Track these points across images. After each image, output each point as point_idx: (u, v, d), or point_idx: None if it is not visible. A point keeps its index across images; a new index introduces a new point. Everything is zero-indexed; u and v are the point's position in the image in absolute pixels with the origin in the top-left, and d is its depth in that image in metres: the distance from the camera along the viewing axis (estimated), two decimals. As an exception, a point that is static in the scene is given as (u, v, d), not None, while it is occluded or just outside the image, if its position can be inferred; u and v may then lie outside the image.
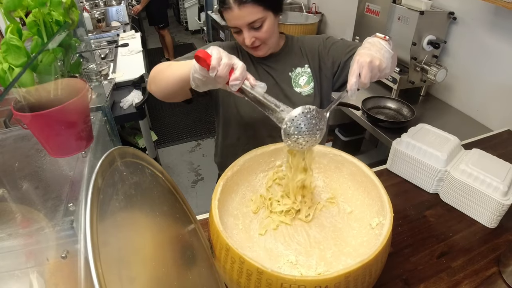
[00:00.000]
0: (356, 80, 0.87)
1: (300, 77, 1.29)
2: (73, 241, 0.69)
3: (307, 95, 1.28)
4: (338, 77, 1.31)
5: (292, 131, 0.84)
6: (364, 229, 0.94)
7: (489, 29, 1.72)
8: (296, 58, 1.30)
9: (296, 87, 1.28)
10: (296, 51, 1.31)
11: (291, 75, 1.29)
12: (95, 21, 3.72)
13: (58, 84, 0.77)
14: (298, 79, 1.29)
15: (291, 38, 1.32)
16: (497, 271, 0.98)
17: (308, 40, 1.33)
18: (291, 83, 1.28)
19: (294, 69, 1.29)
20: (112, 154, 0.65)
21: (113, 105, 2.38)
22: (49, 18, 0.69)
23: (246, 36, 1.11)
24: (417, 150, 1.25)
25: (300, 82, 1.29)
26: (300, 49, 1.31)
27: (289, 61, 1.29)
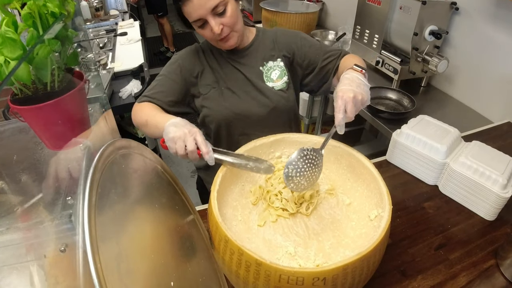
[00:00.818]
0: (343, 116, 0.89)
1: (272, 71, 1.27)
2: (72, 235, 0.69)
3: (280, 89, 1.26)
4: (310, 81, 1.31)
5: (293, 173, 0.89)
6: (363, 220, 0.94)
7: (492, 21, 1.70)
8: (267, 52, 1.27)
9: (269, 81, 1.26)
10: (267, 44, 1.28)
11: (262, 69, 1.26)
12: (93, 9, 3.68)
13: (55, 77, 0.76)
14: (270, 73, 1.26)
15: (262, 31, 1.31)
16: (494, 263, 0.99)
17: (283, 33, 1.31)
18: (263, 77, 1.26)
19: (266, 63, 1.27)
20: (110, 147, 0.65)
21: (112, 94, 2.37)
22: (45, 10, 0.68)
23: (214, 24, 1.08)
24: (417, 141, 1.24)
25: (273, 77, 1.26)
26: (273, 42, 1.29)
27: (260, 55, 1.27)
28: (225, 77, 1.25)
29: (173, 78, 1.22)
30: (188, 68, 1.22)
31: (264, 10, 2.89)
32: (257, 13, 3.34)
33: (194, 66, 1.23)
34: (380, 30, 2.01)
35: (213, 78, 1.25)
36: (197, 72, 1.24)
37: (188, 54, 1.25)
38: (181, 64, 1.22)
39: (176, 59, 1.24)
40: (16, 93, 0.75)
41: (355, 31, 2.23)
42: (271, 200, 1.01)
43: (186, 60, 1.23)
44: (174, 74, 1.22)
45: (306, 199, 1.00)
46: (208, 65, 1.25)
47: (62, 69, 0.80)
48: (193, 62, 1.23)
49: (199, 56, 1.25)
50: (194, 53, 1.26)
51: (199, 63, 1.24)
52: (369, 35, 2.11)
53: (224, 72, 1.25)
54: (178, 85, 1.22)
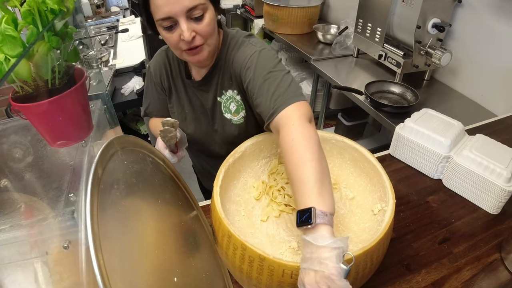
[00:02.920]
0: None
1: (230, 102, 1.11)
2: (75, 231, 0.69)
3: (237, 124, 1.13)
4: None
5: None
6: (366, 215, 0.94)
7: (495, 13, 1.69)
8: (225, 79, 1.09)
9: (227, 112, 1.12)
10: (226, 69, 1.08)
11: (220, 100, 1.11)
12: (94, 6, 3.68)
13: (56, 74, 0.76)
14: (229, 104, 1.11)
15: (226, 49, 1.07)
16: (499, 257, 0.98)
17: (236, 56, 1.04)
18: (221, 108, 1.12)
19: (225, 91, 1.10)
20: (112, 143, 0.65)
21: (114, 91, 2.37)
22: (44, 6, 0.67)
23: (185, 29, 0.88)
24: (421, 135, 1.24)
25: (231, 108, 1.11)
26: (231, 65, 1.06)
27: (219, 83, 1.09)
28: (188, 102, 1.17)
29: (155, 92, 1.23)
30: (160, 82, 1.19)
31: (265, 5, 2.87)
32: (259, 7, 3.32)
33: (163, 82, 1.18)
34: (382, 23, 1.99)
35: (177, 99, 1.18)
36: (165, 88, 1.19)
37: (156, 68, 1.16)
38: (155, 81, 1.19)
39: (149, 73, 1.20)
40: (18, 90, 0.75)
41: (358, 24, 2.21)
42: (274, 195, 1.01)
43: (156, 76, 1.17)
44: (157, 91, 1.22)
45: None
46: (174, 84, 1.16)
47: (63, 66, 0.80)
48: (162, 78, 1.17)
49: (166, 72, 1.15)
50: (161, 68, 1.15)
51: (166, 80, 1.16)
52: (372, 29, 2.09)
53: (187, 96, 1.16)
54: (164, 100, 1.24)
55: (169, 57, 1.14)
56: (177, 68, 1.14)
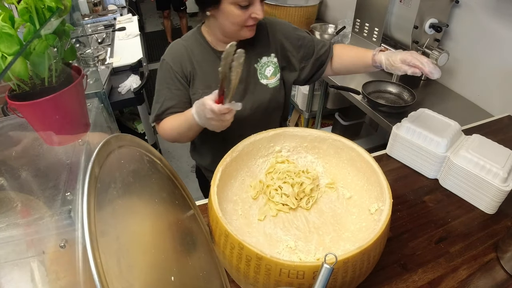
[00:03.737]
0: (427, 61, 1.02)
1: (266, 67, 1.23)
2: (72, 230, 0.69)
3: (273, 87, 1.24)
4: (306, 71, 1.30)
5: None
6: (363, 214, 0.94)
7: (492, 14, 1.69)
8: (261, 47, 1.22)
9: (263, 78, 1.23)
10: (261, 38, 1.22)
11: (256, 67, 1.22)
12: (91, 5, 3.66)
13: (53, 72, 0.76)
14: (264, 70, 1.23)
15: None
16: (495, 257, 0.99)
17: (275, 25, 1.25)
18: (257, 74, 1.22)
19: (260, 59, 1.22)
20: (109, 142, 0.65)
21: (111, 90, 2.36)
22: (41, 4, 0.67)
23: (261, 9, 1.05)
24: (417, 135, 1.24)
25: (267, 73, 1.23)
26: (267, 35, 1.23)
27: (255, 51, 1.21)
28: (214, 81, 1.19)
29: (177, 88, 1.18)
30: (181, 71, 1.18)
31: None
32: (256, 7, 3.31)
33: (184, 69, 1.18)
34: (380, 23, 2.00)
35: (204, 82, 1.20)
36: (188, 75, 1.19)
37: (175, 57, 1.18)
38: (174, 70, 1.17)
39: (167, 67, 1.18)
40: (14, 88, 0.74)
41: (355, 24, 2.22)
42: (271, 194, 1.01)
43: (176, 64, 1.17)
44: (174, 84, 1.18)
45: (307, 193, 1.00)
46: (199, 68, 1.19)
47: (60, 64, 0.79)
48: (183, 65, 1.18)
49: (188, 57, 1.18)
50: (182, 54, 1.18)
51: (189, 65, 1.18)
52: (369, 29, 2.09)
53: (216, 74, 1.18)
54: (182, 91, 1.19)
55: (188, 45, 1.19)
56: (200, 52, 1.19)
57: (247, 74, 1.21)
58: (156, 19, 6.94)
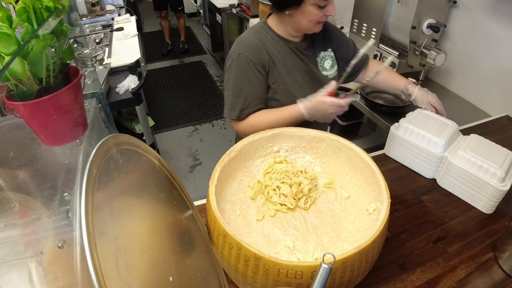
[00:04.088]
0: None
1: (325, 60, 1.34)
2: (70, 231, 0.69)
3: (332, 78, 1.35)
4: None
5: None
6: (361, 214, 0.95)
7: (490, 14, 1.70)
8: (320, 42, 1.33)
9: (323, 70, 1.34)
10: (319, 34, 1.31)
11: (317, 60, 1.33)
12: (89, 5, 3.65)
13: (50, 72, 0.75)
14: (323, 63, 1.34)
15: None
16: (493, 256, 0.99)
17: (328, 24, 1.36)
18: (319, 67, 1.33)
19: (319, 53, 1.33)
20: (107, 142, 0.65)
21: (109, 90, 2.35)
22: (39, 4, 0.67)
23: (333, 8, 1.15)
24: (415, 135, 1.24)
25: (326, 66, 1.34)
26: (324, 32, 1.33)
27: (315, 46, 1.32)
28: (293, 69, 1.26)
29: (258, 79, 1.21)
30: (260, 63, 1.21)
31: (261, 4, 2.87)
32: (255, 7, 3.32)
33: (263, 60, 1.21)
34: (378, 23, 2.00)
35: (281, 71, 1.24)
36: (266, 65, 1.22)
37: (252, 49, 1.21)
38: (254, 61, 1.19)
39: (246, 60, 1.19)
40: (12, 89, 0.74)
41: (353, 24, 2.22)
42: (270, 194, 1.01)
43: (255, 56, 1.20)
44: (255, 75, 1.20)
45: (305, 193, 1.00)
46: (275, 58, 1.24)
47: (58, 64, 0.79)
48: (261, 56, 1.21)
49: (264, 48, 1.22)
50: (258, 46, 1.22)
51: (266, 55, 1.22)
52: (367, 29, 2.10)
53: (292, 64, 1.26)
54: (262, 82, 1.23)
55: (260, 38, 1.23)
56: (272, 44, 1.24)
57: (313, 66, 1.31)
58: (154, 19, 6.94)
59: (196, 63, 5.17)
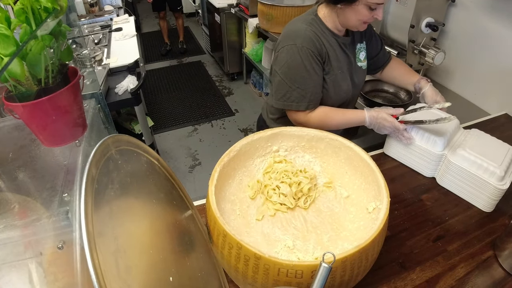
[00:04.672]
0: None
1: (360, 52, 1.39)
2: (69, 231, 0.69)
3: (365, 69, 1.43)
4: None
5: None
6: (361, 213, 0.95)
7: (488, 12, 1.70)
8: (357, 34, 1.38)
9: (359, 61, 1.39)
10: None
11: (356, 51, 1.39)
12: (87, 5, 3.64)
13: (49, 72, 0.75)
14: (359, 54, 1.39)
15: None
16: (492, 254, 0.99)
17: None
18: (356, 58, 1.38)
19: (355, 45, 1.38)
20: (106, 143, 0.64)
21: (108, 91, 2.35)
22: (37, 5, 0.67)
23: (382, 12, 1.18)
24: (414, 133, 1.24)
25: (361, 57, 1.40)
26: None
27: (355, 39, 1.37)
28: (342, 62, 1.31)
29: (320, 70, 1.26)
30: (319, 54, 1.24)
31: (260, 4, 2.87)
32: (253, 6, 3.32)
33: (321, 52, 1.25)
34: (376, 22, 2.00)
35: (334, 63, 1.29)
36: (324, 56, 1.26)
37: (310, 41, 1.23)
38: (314, 53, 1.23)
39: (306, 51, 1.22)
40: (11, 90, 0.74)
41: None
42: (269, 194, 1.01)
43: (314, 46, 1.23)
44: (318, 66, 1.25)
45: (304, 192, 1.00)
46: (328, 50, 1.28)
47: (56, 65, 0.79)
48: (319, 48, 1.24)
49: (319, 39, 1.25)
50: (315, 37, 1.24)
51: (323, 48, 1.26)
52: (366, 28, 2.10)
53: (340, 57, 1.30)
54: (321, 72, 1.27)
55: (313, 29, 1.25)
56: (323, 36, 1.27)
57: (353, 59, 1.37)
58: (153, 19, 6.93)
59: (195, 63, 5.17)
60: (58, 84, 0.76)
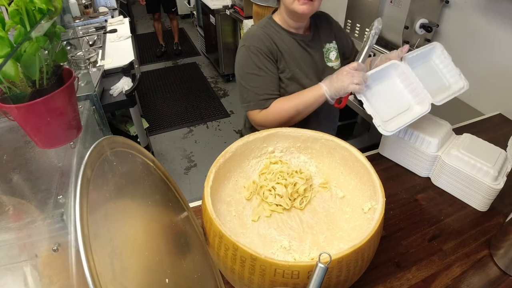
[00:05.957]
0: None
1: (330, 52, 1.37)
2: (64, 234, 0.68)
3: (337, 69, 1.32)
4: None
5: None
6: (357, 213, 0.95)
7: (482, 13, 1.71)
8: (325, 34, 1.37)
9: (328, 61, 1.37)
10: (324, 26, 1.38)
11: (323, 51, 1.36)
12: (82, 7, 3.63)
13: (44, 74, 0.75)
14: (329, 54, 1.37)
15: (316, 14, 1.35)
16: (488, 253, 1.00)
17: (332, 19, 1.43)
18: (324, 58, 1.36)
19: (325, 44, 1.36)
20: (101, 144, 0.64)
21: (102, 92, 2.34)
22: (32, 6, 0.66)
23: None
24: (409, 135, 1.25)
25: (331, 57, 1.37)
26: (330, 25, 1.40)
27: (321, 37, 1.35)
28: (299, 60, 1.29)
29: (272, 66, 1.24)
30: (270, 52, 1.23)
31: (255, 5, 2.88)
32: (248, 8, 3.32)
33: (271, 49, 1.24)
34: (370, 23, 2.01)
35: (288, 61, 1.27)
36: (275, 54, 1.25)
37: (259, 40, 1.23)
38: (263, 50, 1.21)
39: (255, 51, 1.21)
40: (5, 91, 0.74)
41: (346, 25, 2.23)
42: (265, 195, 1.01)
43: (265, 46, 1.22)
44: (269, 63, 1.23)
45: (300, 193, 1.01)
46: (282, 48, 1.26)
47: (51, 67, 0.78)
48: (269, 45, 1.23)
49: (270, 39, 1.25)
50: (264, 37, 1.24)
51: (274, 45, 1.25)
52: (360, 29, 2.11)
53: (298, 56, 1.29)
54: (275, 70, 1.25)
55: (265, 30, 1.26)
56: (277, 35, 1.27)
57: (319, 58, 1.35)
58: (148, 21, 6.91)
59: (190, 65, 5.16)
60: (53, 85, 0.76)
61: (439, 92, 1.22)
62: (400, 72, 1.18)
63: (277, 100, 1.23)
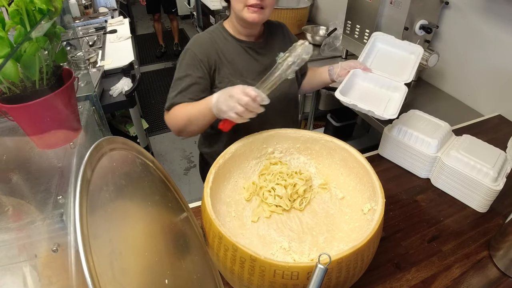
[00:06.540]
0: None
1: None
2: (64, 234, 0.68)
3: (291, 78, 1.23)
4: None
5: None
6: (356, 214, 0.95)
7: (482, 14, 1.71)
8: (279, 43, 1.34)
9: None
10: (279, 35, 1.35)
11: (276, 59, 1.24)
12: (82, 7, 3.63)
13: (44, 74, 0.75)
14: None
15: (271, 23, 1.36)
16: (487, 254, 1.00)
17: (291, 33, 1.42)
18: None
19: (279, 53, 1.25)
20: (101, 144, 0.64)
21: (102, 93, 2.34)
22: (32, 6, 0.66)
23: None
24: (408, 136, 1.25)
25: None
26: (284, 35, 1.37)
27: (275, 45, 1.32)
28: (242, 68, 1.25)
29: (199, 76, 1.19)
30: (206, 60, 1.20)
31: (254, 6, 2.88)
32: (248, 9, 3.31)
33: (209, 57, 1.20)
34: (370, 25, 2.01)
35: (229, 70, 1.23)
36: (213, 65, 1.21)
37: (202, 45, 1.21)
38: (200, 58, 1.19)
39: (192, 55, 1.20)
40: (5, 91, 0.74)
41: (346, 26, 2.23)
42: (265, 196, 1.01)
43: (202, 53, 1.20)
44: (198, 70, 1.19)
45: (300, 194, 1.01)
46: (224, 57, 1.23)
47: (51, 67, 0.78)
48: (208, 53, 1.20)
49: (213, 47, 1.22)
50: (207, 44, 1.22)
51: (214, 54, 1.22)
52: (360, 30, 2.11)
53: (243, 64, 1.25)
54: (203, 80, 1.20)
55: (212, 36, 1.24)
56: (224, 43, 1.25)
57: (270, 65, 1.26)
58: (148, 21, 6.91)
59: (190, 65, 5.15)
60: (53, 86, 0.76)
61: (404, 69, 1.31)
62: (364, 76, 1.29)
63: (179, 105, 1.17)
